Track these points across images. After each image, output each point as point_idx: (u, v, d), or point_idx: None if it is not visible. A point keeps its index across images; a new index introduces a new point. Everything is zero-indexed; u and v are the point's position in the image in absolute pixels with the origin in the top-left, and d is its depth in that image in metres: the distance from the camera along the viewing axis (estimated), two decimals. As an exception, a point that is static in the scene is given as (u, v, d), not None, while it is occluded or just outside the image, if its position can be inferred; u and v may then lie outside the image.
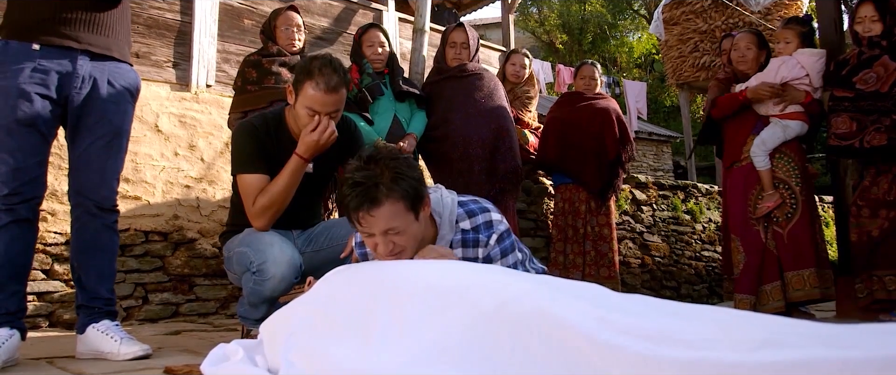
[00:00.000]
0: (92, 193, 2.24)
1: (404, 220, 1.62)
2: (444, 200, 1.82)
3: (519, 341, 1.13)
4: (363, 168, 1.60)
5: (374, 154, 1.64)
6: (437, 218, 1.79)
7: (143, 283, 3.78)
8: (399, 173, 1.59)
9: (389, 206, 1.59)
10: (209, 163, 4.23)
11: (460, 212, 1.83)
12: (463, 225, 1.81)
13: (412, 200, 1.61)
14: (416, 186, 1.62)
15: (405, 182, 1.59)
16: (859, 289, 3.24)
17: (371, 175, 1.58)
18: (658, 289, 5.67)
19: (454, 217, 1.81)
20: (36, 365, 2.06)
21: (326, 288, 1.59)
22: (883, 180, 3.18)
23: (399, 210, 1.60)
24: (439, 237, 1.79)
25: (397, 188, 1.58)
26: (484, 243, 1.79)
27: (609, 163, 4.14)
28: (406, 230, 1.64)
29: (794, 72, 3.36)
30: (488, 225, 1.82)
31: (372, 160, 1.62)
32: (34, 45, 2.14)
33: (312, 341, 1.40)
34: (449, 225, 1.79)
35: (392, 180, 1.58)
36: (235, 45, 4.63)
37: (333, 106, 2.18)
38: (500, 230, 1.82)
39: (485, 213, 1.84)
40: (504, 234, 1.83)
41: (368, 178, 1.58)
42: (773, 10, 7.97)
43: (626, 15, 23.11)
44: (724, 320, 1.02)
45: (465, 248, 1.81)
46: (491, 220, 1.83)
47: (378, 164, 1.60)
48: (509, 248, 1.85)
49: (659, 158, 14.46)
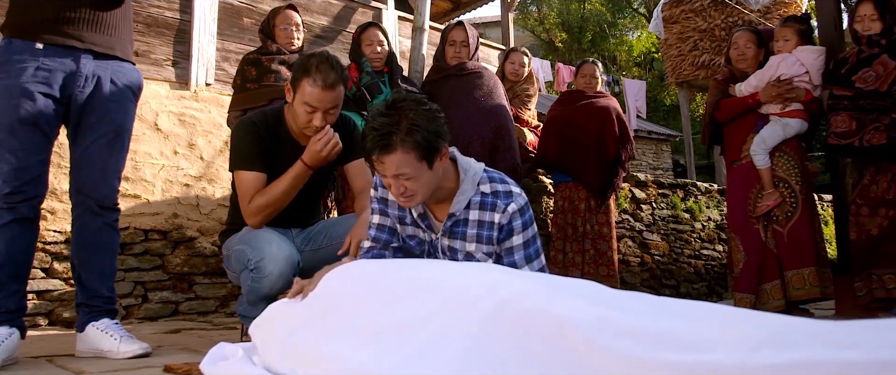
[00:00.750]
0: (93, 192, 2.24)
1: (415, 168, 1.68)
2: (472, 163, 1.89)
3: (518, 340, 1.13)
4: (384, 113, 1.66)
5: (398, 100, 1.70)
6: (462, 173, 1.84)
7: (143, 282, 3.78)
8: (415, 125, 1.64)
9: (401, 154, 1.65)
10: (208, 161, 4.23)
11: (483, 177, 1.88)
12: (484, 188, 1.86)
13: (424, 151, 1.66)
14: (430, 138, 1.66)
15: (419, 133, 1.64)
16: (859, 288, 3.24)
17: (389, 122, 1.65)
18: (657, 288, 5.67)
19: (477, 178, 1.85)
20: (36, 364, 2.06)
21: (325, 287, 1.59)
22: (882, 179, 3.19)
23: (410, 159, 1.66)
24: (460, 191, 1.83)
25: (410, 139, 1.64)
26: (501, 209, 1.82)
27: (609, 161, 4.14)
28: (417, 177, 1.70)
29: (793, 69, 3.36)
30: (508, 194, 1.86)
31: (394, 106, 1.67)
32: (37, 44, 2.14)
33: (311, 341, 1.40)
34: (472, 182, 1.84)
35: (407, 131, 1.64)
36: (235, 44, 4.63)
37: (331, 102, 2.19)
38: (520, 202, 1.86)
39: (505, 184, 1.88)
40: (524, 208, 1.87)
41: (385, 125, 1.64)
42: (773, 8, 7.96)
43: (625, 13, 23.10)
44: (722, 319, 1.02)
45: (481, 210, 1.85)
46: (511, 191, 1.87)
47: (398, 112, 1.66)
48: (530, 222, 1.88)
49: (658, 157, 14.47)
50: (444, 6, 8.10)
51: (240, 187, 2.26)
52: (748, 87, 3.44)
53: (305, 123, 2.21)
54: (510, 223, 1.84)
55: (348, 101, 3.34)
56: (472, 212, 1.85)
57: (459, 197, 1.83)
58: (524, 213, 1.86)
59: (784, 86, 3.33)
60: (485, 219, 1.84)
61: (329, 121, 2.24)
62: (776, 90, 3.34)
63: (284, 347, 1.46)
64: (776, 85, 3.35)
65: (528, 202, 1.90)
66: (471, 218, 1.85)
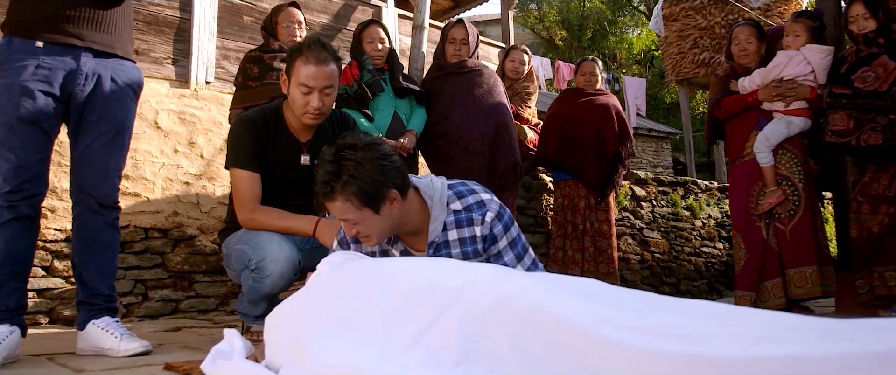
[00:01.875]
0: (93, 190, 2.24)
1: (358, 215, 1.69)
2: (434, 184, 1.86)
3: (517, 338, 1.13)
4: (329, 160, 1.68)
5: (342, 147, 1.69)
6: (428, 201, 1.82)
7: (143, 280, 3.78)
8: (353, 176, 1.65)
9: (340, 203, 1.68)
10: (209, 159, 4.23)
11: (450, 194, 1.85)
12: (454, 207, 1.84)
13: (364, 200, 1.67)
14: (369, 189, 1.66)
15: (355, 185, 1.65)
16: (859, 285, 3.24)
17: (330, 171, 1.67)
18: (657, 285, 5.67)
19: (444, 199, 1.84)
20: (36, 362, 2.07)
21: (323, 285, 1.59)
22: (883, 176, 3.19)
23: (350, 207, 1.68)
24: (432, 218, 1.82)
25: (347, 190, 1.66)
26: (479, 221, 1.82)
27: (609, 159, 4.14)
28: (362, 222, 1.71)
29: (798, 68, 3.35)
30: (480, 204, 1.84)
31: (337, 155, 1.68)
32: (37, 42, 2.14)
33: (310, 340, 1.40)
34: (440, 206, 1.82)
35: (345, 183, 1.65)
36: (235, 42, 4.63)
37: (325, 80, 2.18)
38: (494, 208, 1.85)
39: (474, 195, 1.87)
40: (500, 212, 1.86)
41: (326, 174, 1.67)
42: (773, 6, 7.96)
43: (625, 11, 23.07)
44: (721, 315, 1.02)
45: (459, 229, 1.83)
46: (482, 200, 1.85)
47: (339, 161, 1.67)
48: (510, 222, 1.88)
49: (658, 154, 14.46)
50: (444, 4, 8.10)
51: (234, 185, 2.28)
52: (751, 83, 3.43)
53: (302, 107, 2.20)
54: (491, 231, 1.84)
55: (349, 99, 3.34)
56: (450, 233, 1.84)
57: (433, 225, 1.82)
58: (502, 217, 1.86)
59: (784, 87, 3.33)
60: (465, 236, 1.84)
61: (326, 104, 2.21)
62: (776, 90, 3.34)
63: (286, 346, 1.46)
64: (776, 85, 3.34)
65: (501, 204, 1.90)
66: (451, 239, 1.84)
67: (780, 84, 3.34)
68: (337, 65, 2.23)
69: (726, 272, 6.29)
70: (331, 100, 2.25)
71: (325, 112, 2.24)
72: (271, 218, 2.20)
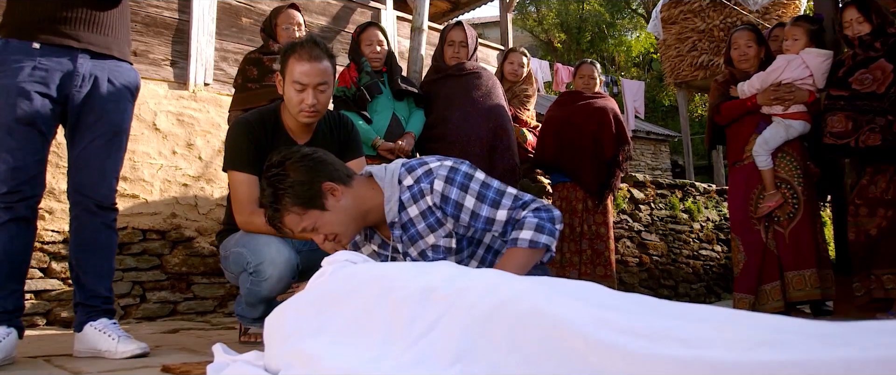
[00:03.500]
0: (91, 191, 2.24)
1: (309, 220, 1.73)
2: (389, 166, 1.86)
3: (516, 341, 1.13)
4: (263, 188, 1.77)
5: (266, 172, 1.75)
6: (379, 182, 1.83)
7: (141, 281, 3.77)
8: (284, 189, 1.71)
9: (289, 218, 1.74)
10: (207, 161, 4.23)
11: (402, 171, 1.83)
12: (406, 183, 1.81)
13: (304, 203, 1.71)
14: (302, 191, 1.71)
15: (290, 195, 1.71)
16: (857, 288, 3.25)
17: (267, 197, 1.75)
18: (656, 288, 5.68)
19: (396, 177, 1.82)
20: (33, 364, 2.06)
21: (322, 289, 1.58)
22: (881, 179, 3.19)
23: (296, 217, 1.73)
24: (386, 198, 1.82)
25: (285, 204, 1.71)
26: (428, 191, 1.77)
27: (606, 162, 4.14)
28: (317, 223, 1.74)
29: (797, 72, 3.36)
30: (427, 173, 1.79)
31: (267, 183, 1.74)
32: (34, 43, 2.14)
33: (308, 344, 1.40)
34: (391, 185, 1.81)
35: (280, 199, 1.71)
36: (233, 44, 4.63)
37: (319, 76, 2.16)
38: (442, 173, 1.77)
39: (423, 165, 1.82)
40: (450, 174, 1.77)
41: (267, 199, 1.75)
42: (772, 9, 7.96)
43: (624, 14, 23.11)
44: (720, 319, 1.02)
45: (416, 204, 1.81)
46: (430, 169, 1.80)
47: (270, 184, 1.73)
48: (467, 178, 1.78)
49: (657, 157, 14.48)
50: (442, 6, 8.11)
51: (232, 188, 2.27)
52: (751, 88, 3.43)
53: (297, 104, 2.18)
54: (447, 196, 1.76)
55: (347, 101, 3.34)
56: (410, 209, 1.82)
57: (388, 205, 1.81)
58: (454, 179, 1.77)
59: (782, 91, 3.34)
60: (423, 208, 1.81)
61: (321, 102, 2.20)
62: (774, 94, 3.34)
63: (284, 348, 1.46)
64: (774, 89, 3.35)
65: (453, 166, 1.80)
66: (413, 215, 1.82)
67: (778, 87, 3.35)
68: (331, 62, 2.22)
69: (724, 275, 6.29)
70: (325, 98, 2.23)
71: (321, 110, 2.23)
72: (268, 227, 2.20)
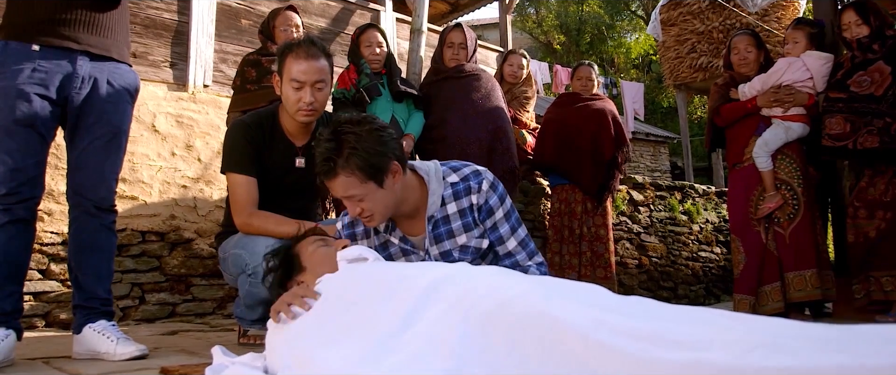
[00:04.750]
0: (90, 193, 2.24)
1: (362, 189, 1.68)
2: (428, 163, 1.88)
3: (515, 343, 1.13)
4: (328, 138, 1.67)
5: (340, 123, 1.69)
6: (424, 176, 1.84)
7: (140, 283, 3.77)
8: (354, 148, 1.65)
9: (343, 178, 1.66)
10: (206, 163, 4.23)
11: (445, 169, 1.88)
12: (451, 179, 1.86)
13: (368, 172, 1.66)
14: (372, 160, 1.66)
15: (359, 158, 1.64)
16: (856, 290, 3.25)
17: (330, 148, 1.66)
18: (655, 290, 5.68)
19: (440, 173, 1.86)
20: (32, 366, 2.06)
21: (324, 290, 1.58)
22: (879, 181, 3.20)
23: (354, 181, 1.67)
24: (431, 191, 1.83)
25: (350, 162, 1.65)
26: (476, 189, 1.84)
27: (605, 164, 4.15)
28: (368, 196, 1.70)
29: (798, 74, 3.37)
30: (476, 173, 1.87)
31: (335, 131, 1.67)
32: (33, 45, 2.14)
33: (308, 345, 1.40)
34: (437, 180, 1.84)
35: (347, 156, 1.65)
36: (233, 45, 4.63)
37: (316, 74, 2.17)
38: (490, 177, 1.88)
39: (468, 166, 1.90)
40: (495, 183, 1.88)
41: (327, 151, 1.66)
42: (771, 11, 7.97)
43: (623, 16, 23.11)
44: (719, 322, 1.02)
45: (457, 200, 1.85)
46: (478, 170, 1.88)
47: (339, 136, 1.66)
48: (505, 194, 1.89)
49: (656, 159, 14.48)
50: (442, 8, 8.11)
51: (231, 189, 2.28)
52: (751, 90, 3.44)
53: (295, 103, 2.19)
54: (487, 201, 1.85)
55: (347, 103, 3.34)
56: (449, 206, 1.86)
57: (432, 198, 1.83)
58: (497, 187, 1.88)
59: (782, 93, 3.35)
60: (464, 206, 1.86)
61: (318, 100, 2.20)
62: (774, 96, 3.35)
63: (285, 350, 1.46)
64: (774, 91, 3.36)
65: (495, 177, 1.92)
66: (450, 212, 1.86)
67: (778, 90, 3.36)
68: (328, 61, 2.23)
69: (724, 276, 6.29)
70: (323, 96, 2.24)
71: (319, 108, 2.24)
72: (268, 223, 2.20)
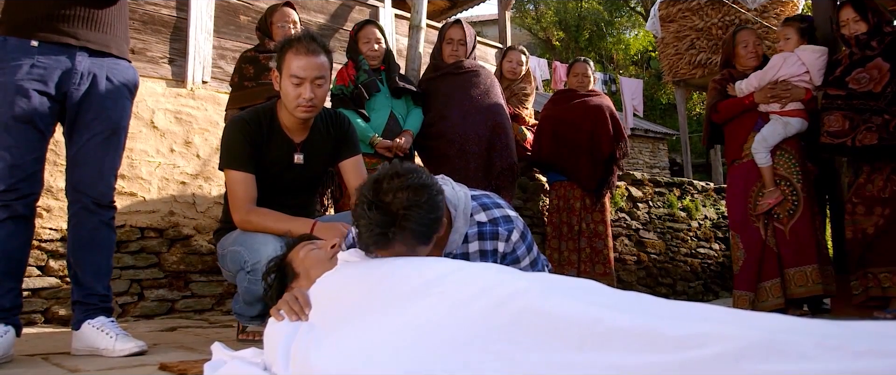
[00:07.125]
0: (89, 189, 2.24)
1: (414, 251, 1.55)
2: (458, 193, 1.74)
3: (514, 339, 1.13)
4: (378, 206, 1.48)
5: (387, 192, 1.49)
6: (452, 210, 1.71)
7: (139, 280, 3.77)
8: (407, 221, 1.48)
9: (399, 247, 1.52)
10: (205, 159, 4.22)
11: (474, 206, 1.78)
12: (479, 218, 1.77)
13: (423, 239, 1.53)
14: (425, 231, 1.52)
15: (413, 228, 1.49)
16: (855, 286, 3.25)
17: (383, 221, 1.48)
18: (654, 286, 5.68)
19: (469, 210, 1.74)
20: (31, 362, 2.06)
21: (322, 287, 1.58)
22: (878, 178, 3.20)
23: (408, 248, 1.53)
24: (454, 229, 1.71)
25: (405, 234, 1.50)
26: (504, 237, 1.76)
27: (603, 160, 4.15)
28: (410, 252, 1.56)
29: (793, 69, 3.38)
30: (507, 219, 1.78)
31: (384, 204, 1.48)
32: (32, 41, 2.13)
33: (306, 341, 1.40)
34: (464, 217, 1.73)
35: (402, 228, 1.48)
36: (231, 42, 4.62)
37: (316, 70, 2.17)
38: (520, 226, 1.79)
39: (500, 209, 1.80)
40: (524, 231, 1.81)
41: (379, 224, 1.48)
42: (770, 7, 7.96)
43: (622, 12, 23.10)
44: (717, 318, 1.02)
45: (481, 241, 1.77)
46: (509, 215, 1.79)
47: (389, 209, 1.48)
48: (531, 243, 1.82)
49: (655, 155, 14.48)
50: (441, 4, 8.10)
51: (229, 186, 2.27)
52: (748, 86, 3.45)
53: (294, 99, 2.18)
54: (515, 251, 1.78)
55: (345, 99, 3.34)
56: (471, 245, 1.75)
57: (454, 236, 1.71)
58: (526, 237, 1.80)
59: (778, 89, 3.35)
60: (487, 249, 1.77)
61: (317, 96, 2.20)
62: (771, 92, 3.36)
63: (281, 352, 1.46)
64: (771, 87, 3.37)
65: (524, 222, 1.84)
66: (471, 251, 1.76)
67: (775, 85, 3.36)
68: (328, 57, 2.23)
69: (722, 273, 6.30)
70: (322, 93, 2.23)
71: (318, 105, 2.23)
72: (267, 220, 2.20)
